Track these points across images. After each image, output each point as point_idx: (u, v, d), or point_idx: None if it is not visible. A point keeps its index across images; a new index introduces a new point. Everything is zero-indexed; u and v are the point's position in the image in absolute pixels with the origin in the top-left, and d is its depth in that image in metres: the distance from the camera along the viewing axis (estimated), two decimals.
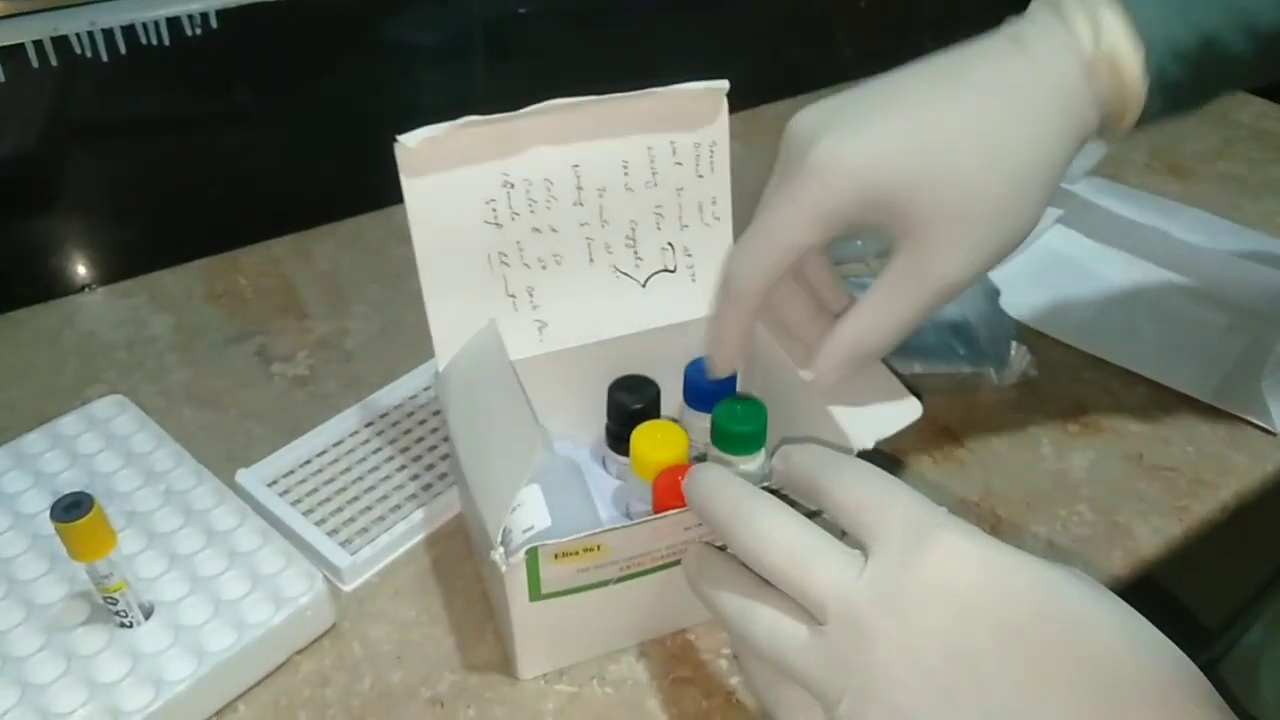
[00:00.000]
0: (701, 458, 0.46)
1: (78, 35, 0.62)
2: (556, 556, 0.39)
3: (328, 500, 0.52)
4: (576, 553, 0.39)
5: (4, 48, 0.60)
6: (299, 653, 0.45)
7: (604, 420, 0.50)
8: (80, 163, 0.68)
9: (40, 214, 0.69)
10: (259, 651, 0.43)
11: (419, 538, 0.50)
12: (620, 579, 0.41)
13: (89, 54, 0.63)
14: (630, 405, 0.48)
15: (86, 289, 0.69)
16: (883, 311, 0.39)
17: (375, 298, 0.68)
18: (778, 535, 0.32)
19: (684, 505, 0.37)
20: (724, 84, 0.45)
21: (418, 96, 0.80)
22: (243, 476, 0.52)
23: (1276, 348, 0.59)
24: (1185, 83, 0.38)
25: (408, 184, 0.43)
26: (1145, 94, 0.37)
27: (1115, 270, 0.70)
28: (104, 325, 0.65)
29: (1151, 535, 0.52)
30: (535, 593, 0.40)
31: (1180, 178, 0.82)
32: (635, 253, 0.48)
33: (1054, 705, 0.27)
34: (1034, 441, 0.57)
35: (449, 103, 0.82)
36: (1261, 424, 0.58)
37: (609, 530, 0.38)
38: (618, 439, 0.49)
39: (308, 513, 0.50)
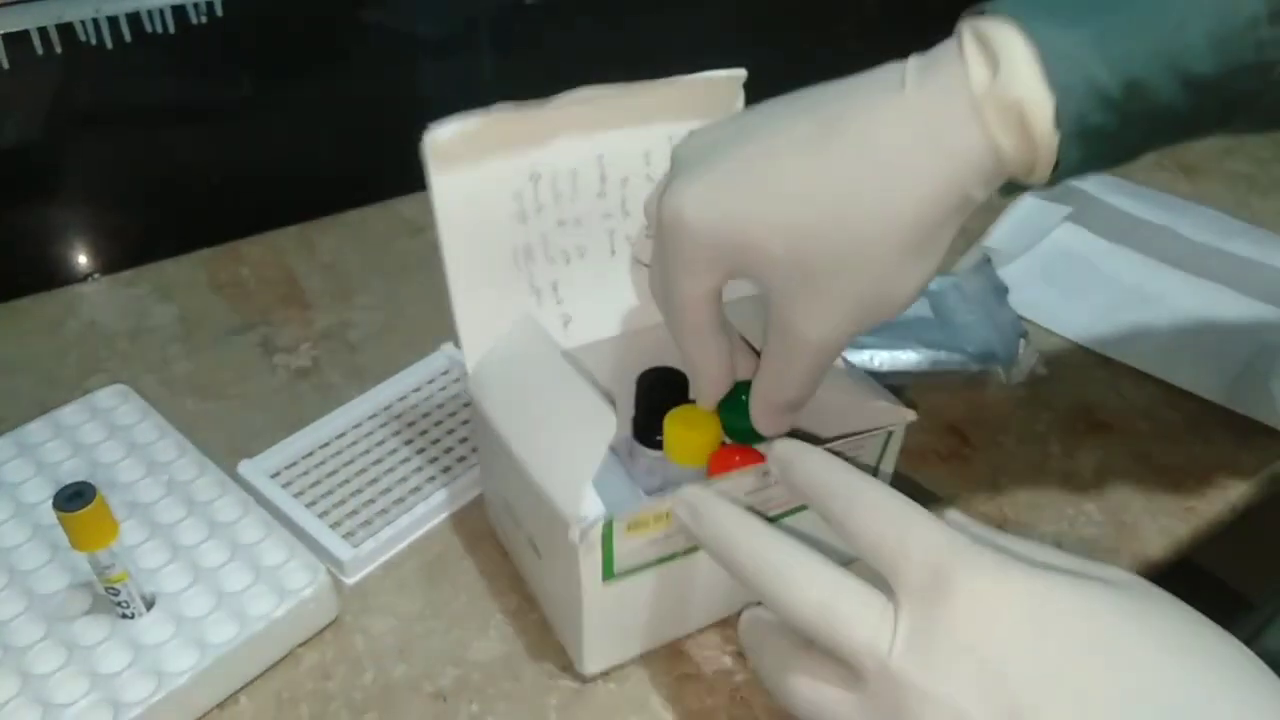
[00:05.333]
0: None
1: (82, 23, 0.62)
2: (630, 528, 0.38)
3: (330, 493, 0.51)
4: (648, 523, 0.38)
5: (8, 34, 0.60)
6: (301, 645, 0.45)
7: (629, 414, 0.49)
8: (84, 151, 0.68)
9: (43, 202, 0.68)
10: (261, 644, 0.43)
11: (423, 531, 0.50)
12: (687, 551, 0.40)
13: (93, 41, 0.63)
14: (661, 395, 0.46)
15: (89, 278, 0.69)
16: (774, 375, 0.38)
17: (379, 289, 0.67)
18: (808, 592, 0.31)
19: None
20: (742, 72, 0.45)
21: (423, 88, 0.79)
22: (245, 468, 0.51)
23: None
24: (1110, 134, 0.32)
25: (436, 179, 0.41)
26: (1058, 142, 0.31)
27: (1124, 268, 0.69)
28: (107, 314, 0.65)
29: (1159, 536, 0.51)
30: (609, 571, 0.39)
31: (1190, 176, 0.82)
32: None
33: None
34: (1041, 440, 0.57)
35: (454, 94, 0.81)
36: (1271, 425, 0.57)
37: (680, 494, 0.37)
38: (647, 431, 0.47)
39: (310, 505, 0.50)
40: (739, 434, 0.44)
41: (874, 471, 0.44)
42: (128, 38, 0.63)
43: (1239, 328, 0.64)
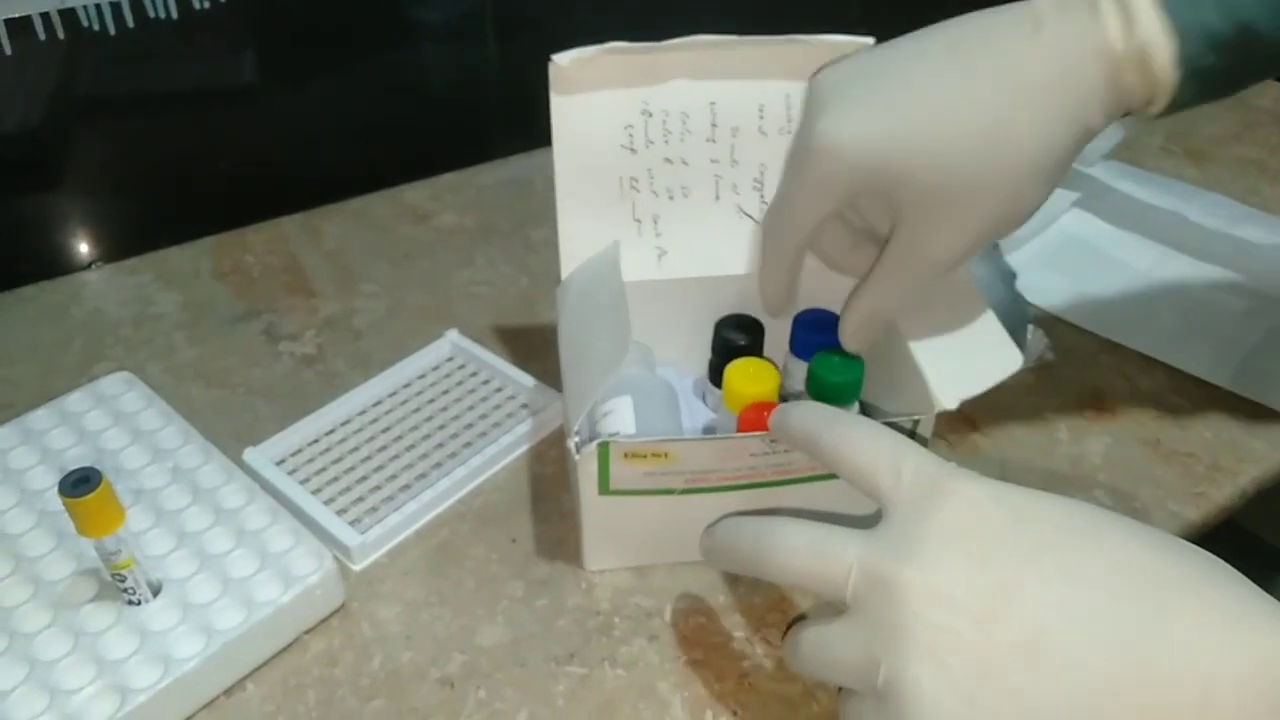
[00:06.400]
0: (795, 398, 0.48)
1: (85, 8, 0.61)
2: (626, 455, 0.41)
3: (336, 479, 0.51)
4: (645, 456, 0.41)
5: (11, 20, 0.60)
6: (308, 632, 0.45)
7: (708, 353, 0.52)
8: (87, 138, 0.68)
9: (46, 190, 0.68)
10: (268, 630, 0.43)
11: (429, 517, 0.50)
12: (684, 491, 0.43)
13: (96, 27, 0.62)
14: (734, 341, 0.50)
15: (93, 265, 0.68)
16: (882, 290, 0.41)
17: (383, 277, 0.67)
18: (798, 543, 0.34)
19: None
20: (868, 40, 0.45)
21: (427, 74, 0.79)
22: (250, 455, 0.51)
23: None
24: (1220, 71, 0.36)
25: (556, 101, 0.45)
26: (1178, 83, 0.36)
27: (1132, 254, 0.69)
28: (110, 302, 0.65)
29: (1169, 521, 0.51)
30: (604, 486, 0.42)
31: (1198, 162, 0.81)
32: (761, 196, 0.49)
33: (1089, 615, 0.28)
34: (1050, 426, 0.56)
35: (459, 80, 0.81)
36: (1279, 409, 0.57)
37: (677, 439, 0.41)
38: (718, 373, 0.50)
39: (316, 492, 0.50)
40: (824, 388, 0.45)
41: None
42: (131, 23, 0.63)
43: (1247, 313, 0.64)
